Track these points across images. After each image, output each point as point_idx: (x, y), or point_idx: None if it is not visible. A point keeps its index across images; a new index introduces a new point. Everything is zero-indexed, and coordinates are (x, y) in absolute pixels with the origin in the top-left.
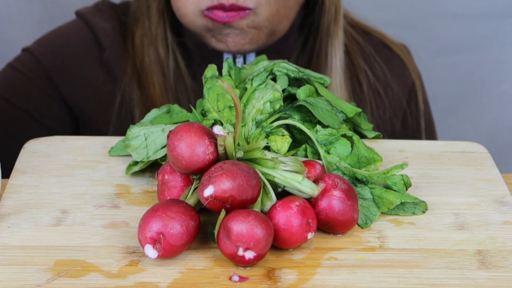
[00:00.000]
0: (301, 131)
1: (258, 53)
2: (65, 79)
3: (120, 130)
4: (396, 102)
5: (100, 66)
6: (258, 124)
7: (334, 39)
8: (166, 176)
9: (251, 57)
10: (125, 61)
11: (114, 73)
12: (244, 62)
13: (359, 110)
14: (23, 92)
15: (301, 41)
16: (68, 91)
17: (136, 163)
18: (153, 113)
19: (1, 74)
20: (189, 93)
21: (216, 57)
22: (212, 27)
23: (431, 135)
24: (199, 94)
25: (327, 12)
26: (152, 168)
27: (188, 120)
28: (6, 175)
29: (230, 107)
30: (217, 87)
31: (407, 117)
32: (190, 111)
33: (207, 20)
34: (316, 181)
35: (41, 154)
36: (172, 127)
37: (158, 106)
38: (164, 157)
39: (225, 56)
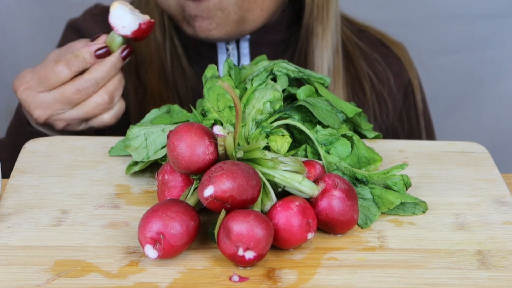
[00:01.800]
0: (301, 131)
1: (251, 42)
2: None
3: (118, 130)
4: (396, 103)
5: None
6: (258, 124)
7: (318, 39)
8: (166, 176)
9: (246, 56)
10: None
11: None
12: (238, 55)
13: (359, 110)
14: None
15: (293, 38)
16: None
17: (136, 163)
18: (153, 113)
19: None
20: (186, 76)
21: (208, 48)
22: (183, 4)
23: (430, 135)
24: (196, 78)
25: (307, 10)
26: (152, 168)
27: (188, 120)
28: (6, 175)
29: (230, 107)
30: (217, 87)
31: (403, 115)
32: (189, 100)
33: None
34: (316, 181)
35: (41, 154)
36: (172, 127)
37: (156, 93)
38: (164, 157)
39: (218, 45)
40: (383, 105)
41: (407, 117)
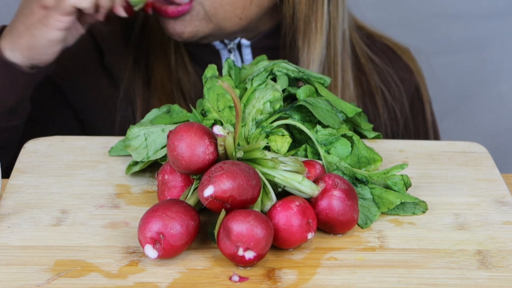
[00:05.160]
0: (301, 131)
1: (252, 48)
2: (68, 85)
3: (123, 129)
4: (405, 115)
5: (102, 70)
6: (258, 124)
7: (303, 53)
8: (166, 176)
9: (248, 55)
10: (126, 54)
11: (115, 75)
12: (241, 57)
13: (359, 110)
14: (33, 102)
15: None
16: (72, 96)
17: (136, 163)
18: (153, 113)
19: None
20: (188, 72)
21: (211, 54)
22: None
23: None
24: (198, 77)
25: (285, 21)
26: (152, 168)
27: (188, 120)
28: (6, 175)
29: (230, 107)
30: (217, 87)
31: (409, 122)
32: (191, 95)
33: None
34: (316, 181)
35: (41, 154)
36: (172, 127)
37: (159, 85)
38: (164, 157)
39: (221, 52)
40: (394, 121)
41: (414, 126)
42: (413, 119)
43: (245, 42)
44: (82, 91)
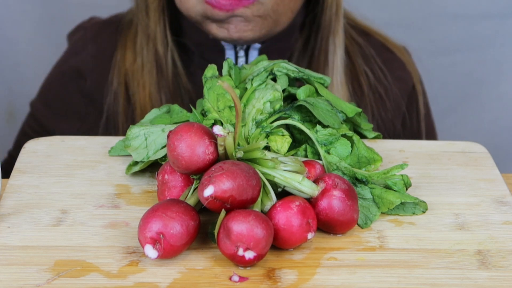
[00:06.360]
0: (301, 131)
1: (261, 51)
2: (53, 121)
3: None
4: (396, 104)
5: (82, 97)
6: (258, 124)
7: (335, 37)
8: (166, 176)
9: (253, 56)
10: (112, 73)
11: (96, 100)
12: (246, 61)
13: (359, 110)
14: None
15: (302, 40)
16: (58, 130)
17: (136, 163)
18: (153, 113)
19: (18, 139)
20: (183, 94)
21: (217, 55)
22: (211, 15)
23: (432, 139)
24: (196, 95)
25: (329, 9)
26: (152, 168)
27: (188, 120)
28: (6, 175)
29: (230, 107)
30: (217, 87)
31: (406, 120)
32: (187, 111)
33: (206, 7)
34: (316, 181)
35: (41, 154)
36: (172, 127)
37: (151, 108)
38: (164, 157)
39: (227, 53)
40: (380, 102)
41: (410, 122)
42: (409, 115)
43: (255, 44)
44: (65, 123)
